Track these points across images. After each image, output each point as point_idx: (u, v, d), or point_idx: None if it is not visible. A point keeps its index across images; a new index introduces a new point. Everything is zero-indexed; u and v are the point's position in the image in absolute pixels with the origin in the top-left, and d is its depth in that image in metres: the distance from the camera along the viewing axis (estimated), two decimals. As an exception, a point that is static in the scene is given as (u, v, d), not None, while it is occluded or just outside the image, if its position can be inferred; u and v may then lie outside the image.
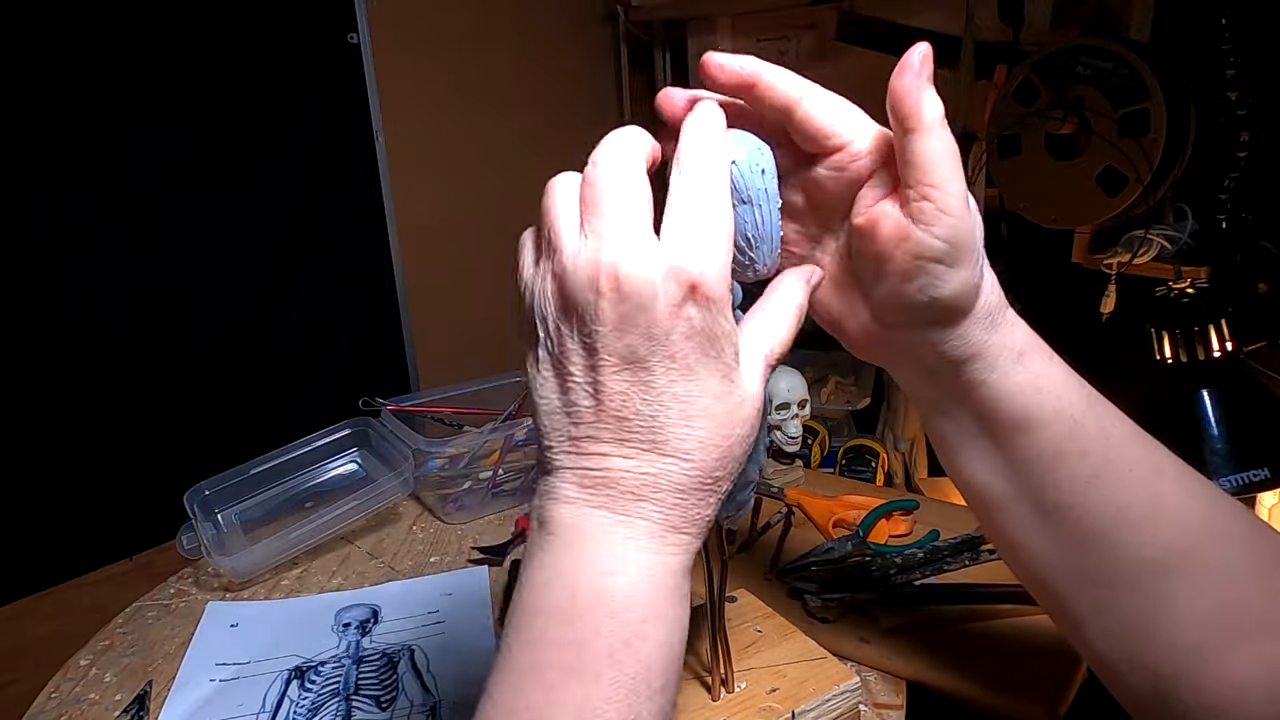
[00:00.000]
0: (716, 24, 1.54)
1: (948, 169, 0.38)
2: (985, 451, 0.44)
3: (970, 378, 0.42)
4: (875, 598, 0.74)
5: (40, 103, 1.06)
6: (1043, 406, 0.42)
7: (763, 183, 0.42)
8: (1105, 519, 0.42)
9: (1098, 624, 0.44)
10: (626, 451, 0.36)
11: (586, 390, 0.37)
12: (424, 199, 1.47)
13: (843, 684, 0.59)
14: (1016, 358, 0.42)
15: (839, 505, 0.91)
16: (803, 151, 0.42)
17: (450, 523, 0.98)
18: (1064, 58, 0.95)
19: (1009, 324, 0.42)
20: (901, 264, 0.39)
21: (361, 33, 1.34)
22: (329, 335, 1.39)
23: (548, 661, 0.36)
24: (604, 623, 0.35)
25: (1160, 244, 0.98)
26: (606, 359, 0.36)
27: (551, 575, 0.37)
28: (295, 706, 0.69)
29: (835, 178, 0.42)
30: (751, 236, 0.43)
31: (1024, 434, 0.42)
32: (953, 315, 0.40)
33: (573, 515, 0.37)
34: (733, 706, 0.58)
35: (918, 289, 0.39)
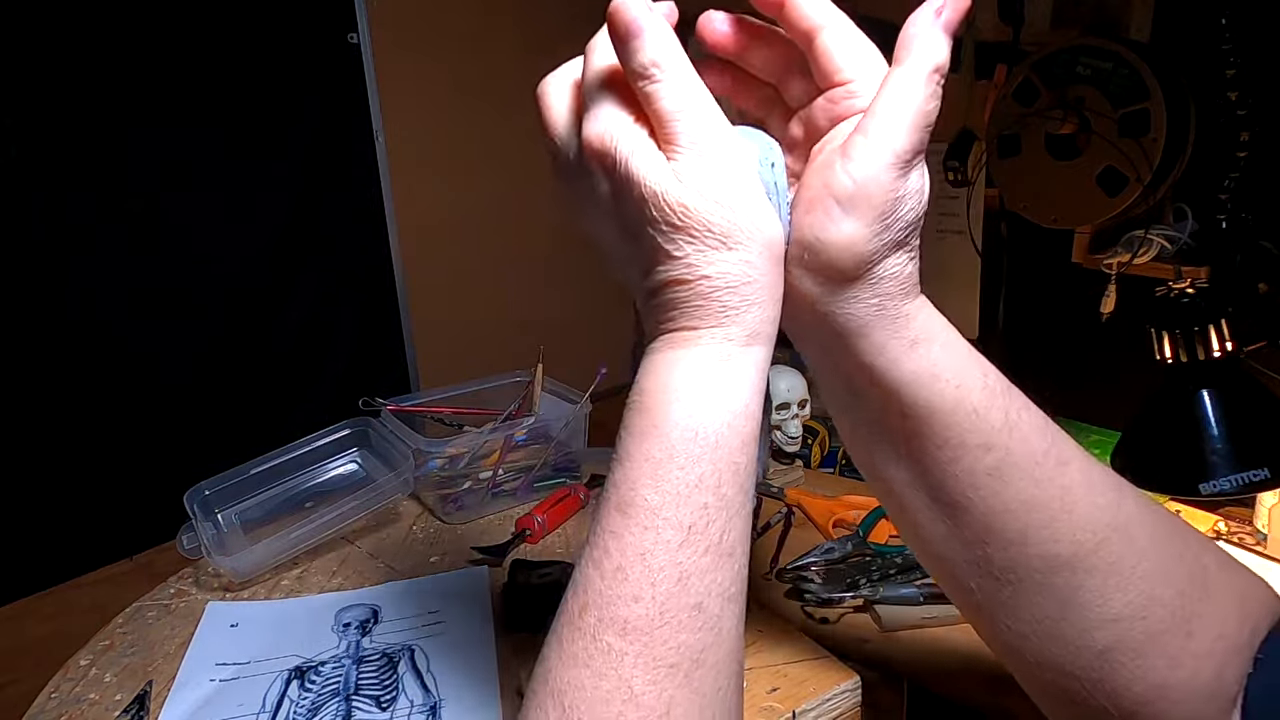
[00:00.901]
0: (716, 24, 1.54)
1: (899, 117, 0.37)
2: (883, 440, 0.43)
3: (860, 357, 0.40)
4: (875, 598, 0.74)
5: (40, 103, 1.06)
6: (941, 396, 0.40)
7: (772, 176, 0.42)
8: (1010, 514, 0.40)
9: (1006, 623, 0.43)
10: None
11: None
12: (424, 199, 1.47)
13: (843, 684, 0.59)
14: (910, 345, 0.40)
15: (839, 505, 0.91)
16: (813, 84, 0.42)
17: (450, 523, 0.98)
18: (1064, 58, 0.95)
19: (905, 311, 0.40)
20: (812, 191, 0.38)
21: (361, 33, 1.34)
22: (329, 335, 1.39)
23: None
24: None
25: (1160, 244, 0.98)
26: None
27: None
28: (295, 706, 0.69)
29: (827, 111, 0.41)
30: None
31: (920, 423, 0.41)
32: (833, 270, 0.38)
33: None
34: (733, 706, 0.58)
35: (810, 223, 0.38)
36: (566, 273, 1.73)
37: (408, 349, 1.50)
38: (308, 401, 1.35)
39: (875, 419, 0.42)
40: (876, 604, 0.73)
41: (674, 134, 0.36)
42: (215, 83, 1.20)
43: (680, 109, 0.36)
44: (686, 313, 0.37)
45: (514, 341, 1.53)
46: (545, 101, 0.42)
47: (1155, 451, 0.88)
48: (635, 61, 0.36)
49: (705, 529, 0.35)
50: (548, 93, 0.42)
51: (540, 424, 1.04)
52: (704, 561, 0.35)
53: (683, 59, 0.37)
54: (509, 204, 1.58)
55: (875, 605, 0.73)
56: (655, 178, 0.36)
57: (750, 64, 0.44)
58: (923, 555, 0.46)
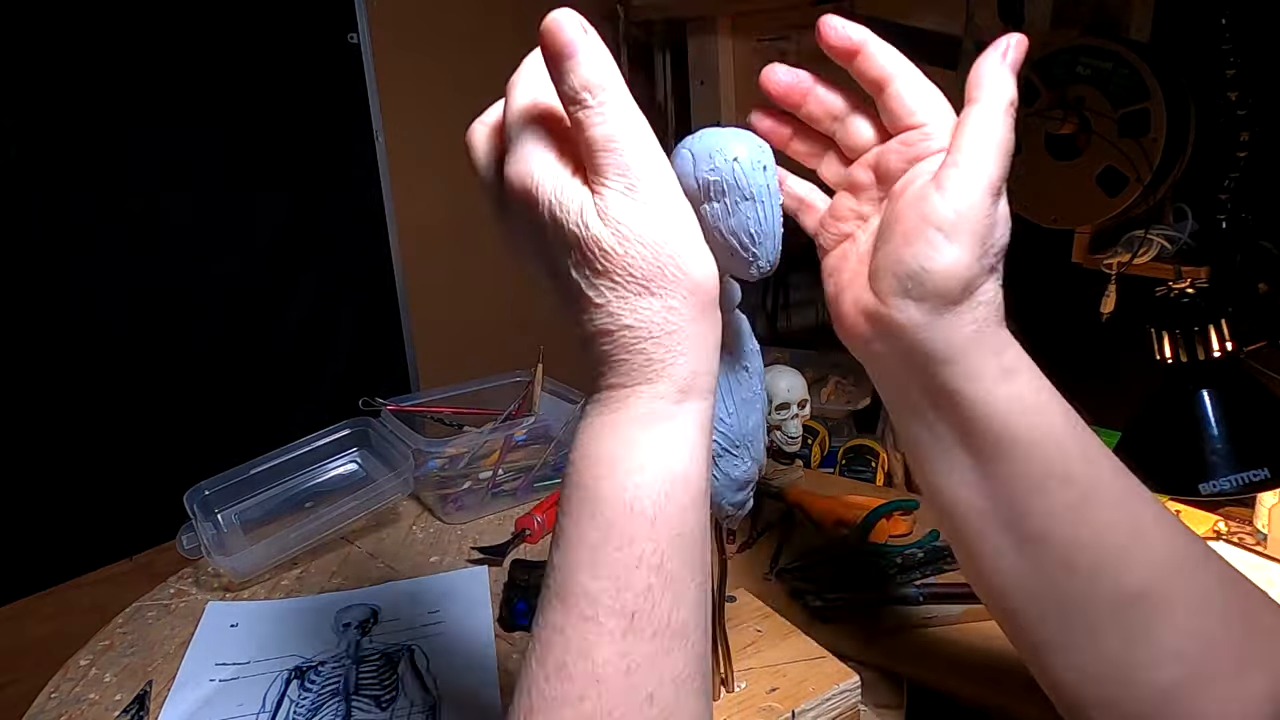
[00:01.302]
0: (716, 24, 1.54)
1: (987, 148, 0.39)
2: (962, 466, 0.43)
3: (949, 383, 0.41)
4: (875, 598, 0.74)
5: (40, 103, 1.06)
6: (1029, 428, 0.40)
7: (764, 179, 0.42)
8: (1086, 547, 0.41)
9: (1070, 659, 0.42)
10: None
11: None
12: (424, 199, 1.47)
13: (843, 683, 0.59)
14: (1002, 374, 0.41)
15: (839, 505, 0.91)
16: (882, 128, 0.44)
17: (450, 523, 0.98)
18: (1064, 58, 0.95)
19: (999, 340, 0.41)
20: (909, 224, 0.40)
21: (361, 33, 1.34)
22: (329, 335, 1.39)
23: None
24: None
25: (1160, 244, 0.98)
26: None
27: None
28: (295, 706, 0.69)
29: (901, 153, 0.42)
30: (754, 233, 0.43)
31: (1006, 454, 0.41)
32: (937, 297, 0.39)
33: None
34: (733, 706, 0.58)
35: (913, 254, 0.39)
36: (566, 273, 1.73)
37: (408, 349, 1.50)
38: (308, 401, 1.35)
39: (954, 447, 0.43)
40: (876, 604, 0.73)
41: (603, 165, 0.35)
42: (215, 83, 1.20)
43: (613, 137, 0.35)
44: (613, 368, 0.35)
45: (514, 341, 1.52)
46: (471, 144, 0.41)
47: (1155, 451, 0.88)
48: (568, 84, 0.34)
49: (651, 612, 0.33)
50: (473, 135, 0.41)
51: (540, 424, 1.04)
52: (652, 648, 0.33)
53: (620, 84, 0.35)
54: (509, 204, 1.58)
55: (875, 605, 0.73)
56: (577, 218, 0.34)
57: (809, 113, 0.46)
58: (983, 587, 0.46)
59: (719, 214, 0.44)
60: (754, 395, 0.53)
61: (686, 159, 0.44)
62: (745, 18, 1.53)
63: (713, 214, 0.44)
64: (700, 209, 0.44)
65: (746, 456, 0.53)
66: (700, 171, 0.44)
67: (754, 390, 0.53)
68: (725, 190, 0.43)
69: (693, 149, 0.44)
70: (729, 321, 0.52)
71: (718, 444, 0.52)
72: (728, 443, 0.52)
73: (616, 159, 0.35)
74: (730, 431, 0.52)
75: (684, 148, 0.45)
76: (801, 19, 1.42)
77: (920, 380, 0.42)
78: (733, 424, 0.52)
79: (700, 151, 0.44)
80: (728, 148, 0.43)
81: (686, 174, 0.44)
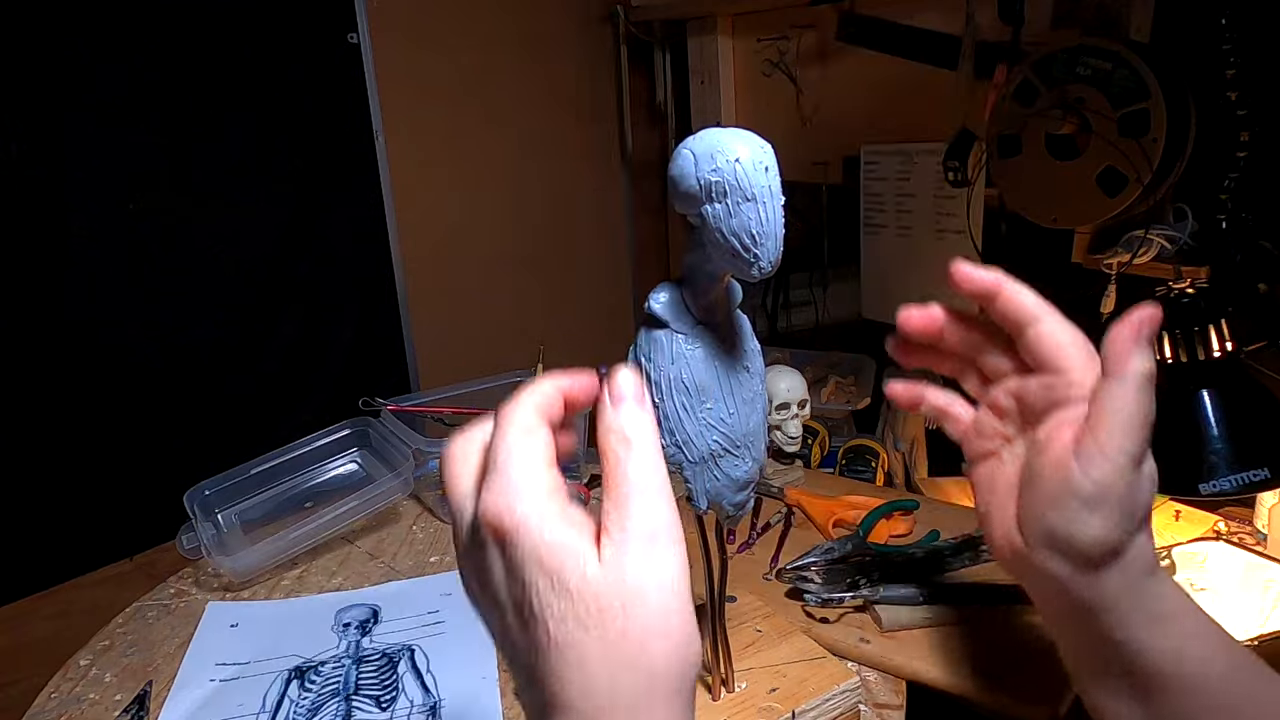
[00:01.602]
0: (716, 24, 1.54)
1: (1125, 422, 0.40)
2: (1125, 697, 0.43)
3: (1107, 632, 0.42)
4: (875, 598, 0.74)
5: (40, 103, 1.06)
6: (1183, 674, 0.41)
7: (765, 180, 0.42)
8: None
9: None
10: None
11: None
12: (424, 199, 1.47)
13: (843, 684, 0.59)
14: (1154, 620, 0.41)
15: (839, 505, 0.91)
16: (1011, 358, 0.45)
17: (450, 523, 0.98)
18: (1064, 58, 0.95)
19: (1152, 588, 0.42)
20: (1053, 488, 0.41)
21: (361, 33, 1.34)
22: (329, 335, 1.39)
23: None
24: None
25: (1160, 244, 0.98)
26: None
27: None
28: (295, 706, 0.69)
29: (1045, 396, 0.43)
30: (756, 233, 0.43)
31: (1160, 693, 0.42)
32: (1084, 560, 0.41)
33: None
34: (733, 706, 0.58)
35: (1057, 518, 0.41)
36: (566, 272, 1.73)
37: (408, 349, 1.50)
38: (308, 401, 1.35)
39: (1118, 680, 0.43)
40: (876, 604, 0.73)
41: (630, 508, 0.33)
42: (215, 83, 1.20)
43: (642, 486, 0.33)
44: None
45: (514, 341, 1.53)
46: (449, 462, 0.37)
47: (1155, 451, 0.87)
48: (620, 420, 0.34)
49: None
50: (453, 453, 0.37)
51: (540, 424, 1.04)
52: None
53: (656, 447, 0.35)
54: (509, 204, 1.58)
55: (875, 605, 0.73)
56: (576, 564, 0.32)
57: (946, 343, 0.47)
58: None
59: (720, 215, 0.43)
60: (754, 395, 0.53)
61: (688, 159, 0.44)
62: (745, 18, 1.53)
63: (714, 215, 0.44)
64: (701, 210, 0.44)
65: (747, 457, 0.53)
66: (702, 172, 0.43)
67: (755, 390, 0.53)
68: (727, 191, 0.43)
69: (694, 149, 0.44)
70: (731, 321, 0.52)
71: (718, 444, 0.52)
72: (728, 443, 0.52)
73: (644, 503, 0.33)
74: (731, 432, 0.52)
75: (685, 148, 0.45)
76: (802, 19, 1.42)
77: (1078, 625, 0.43)
78: (733, 424, 0.52)
79: (702, 152, 0.44)
80: (730, 148, 0.43)
81: (687, 174, 0.44)
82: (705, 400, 0.51)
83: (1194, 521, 1.09)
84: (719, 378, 0.51)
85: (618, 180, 1.78)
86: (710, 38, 1.56)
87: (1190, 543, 1.00)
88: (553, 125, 1.62)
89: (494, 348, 1.56)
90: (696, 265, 0.49)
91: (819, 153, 1.44)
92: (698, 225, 0.46)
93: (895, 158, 1.31)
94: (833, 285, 1.64)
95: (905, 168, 1.30)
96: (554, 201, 1.66)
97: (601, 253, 1.79)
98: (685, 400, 0.51)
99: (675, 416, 0.51)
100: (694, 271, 0.50)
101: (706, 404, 0.51)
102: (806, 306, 1.70)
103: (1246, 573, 0.95)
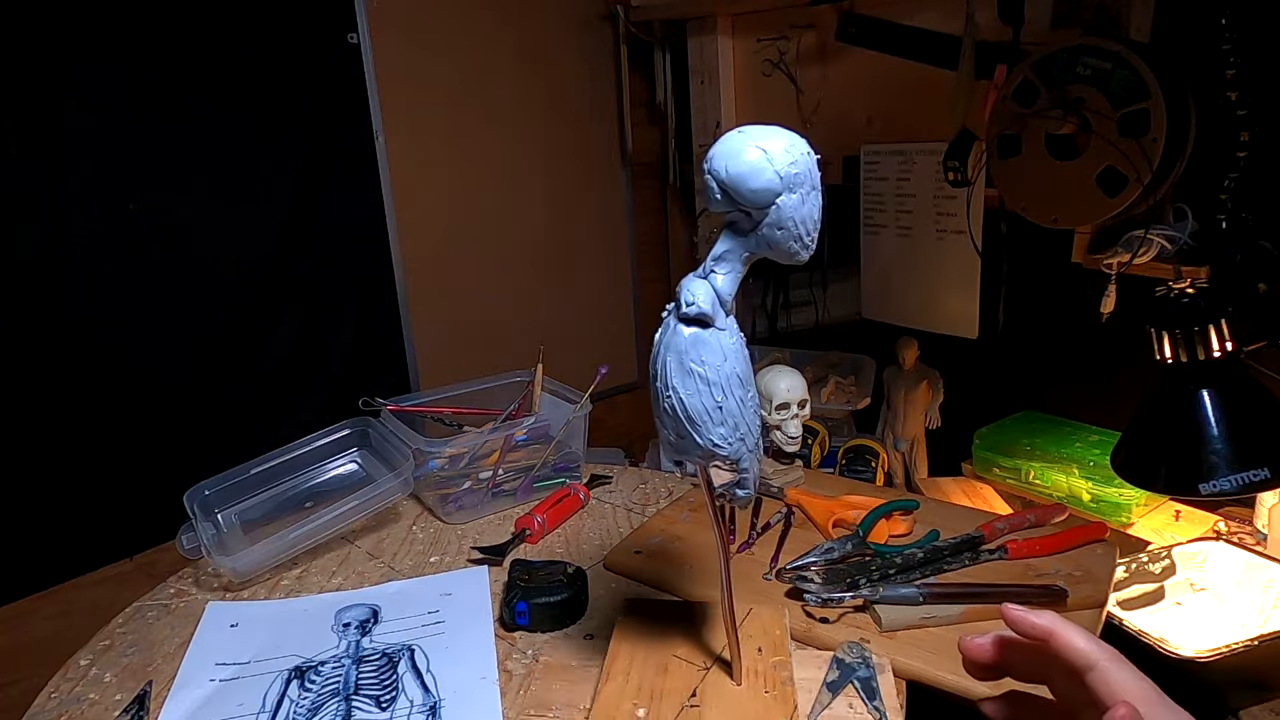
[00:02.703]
0: (716, 24, 1.54)
1: (1125, 685, 0.41)
2: None
3: None
4: (875, 598, 0.74)
5: (40, 102, 1.06)
6: None
7: (818, 172, 0.47)
8: None
9: None
10: None
11: None
12: (424, 199, 1.47)
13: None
14: None
15: (839, 505, 0.91)
16: (1073, 684, 0.45)
17: (450, 523, 0.98)
18: (1064, 58, 0.95)
19: None
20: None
21: (361, 33, 1.34)
22: (329, 335, 1.39)
23: None
24: None
25: (1160, 244, 0.98)
26: None
27: None
28: (295, 706, 0.69)
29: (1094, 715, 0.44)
30: (817, 220, 0.50)
31: None
32: None
33: None
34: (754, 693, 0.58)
35: None
36: (566, 272, 1.73)
37: (408, 349, 1.50)
38: (308, 401, 1.36)
39: None
40: (876, 604, 0.73)
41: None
42: (215, 83, 1.21)
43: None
44: None
45: (514, 341, 1.53)
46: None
47: (1155, 451, 0.88)
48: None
49: None
50: None
51: (540, 424, 1.04)
52: None
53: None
54: (509, 204, 1.58)
55: (875, 605, 0.73)
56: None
57: (1013, 667, 0.48)
58: None
59: (794, 205, 0.47)
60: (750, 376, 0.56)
61: (759, 154, 0.47)
62: (745, 18, 1.53)
63: (790, 205, 0.47)
64: (777, 201, 0.47)
65: None
66: (782, 165, 0.47)
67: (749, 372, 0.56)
68: (801, 182, 0.46)
69: (764, 145, 0.47)
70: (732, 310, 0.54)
71: (759, 427, 0.56)
72: (760, 425, 0.56)
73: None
74: (759, 416, 0.56)
75: (753, 144, 0.47)
76: (802, 19, 1.42)
77: None
78: (756, 407, 0.56)
79: (775, 148, 0.47)
80: (799, 143, 0.47)
81: (761, 169, 0.47)
82: (749, 389, 0.54)
83: (1194, 521, 1.09)
84: (750, 367, 0.54)
85: (618, 180, 1.78)
86: (710, 38, 1.56)
87: (1190, 543, 1.00)
88: (553, 125, 1.62)
89: (494, 348, 1.56)
90: (733, 258, 0.51)
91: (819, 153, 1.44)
92: (746, 221, 0.48)
93: (895, 158, 1.31)
94: (833, 285, 1.64)
95: (905, 168, 1.30)
96: (554, 201, 1.66)
97: (601, 253, 1.79)
98: (740, 394, 0.53)
99: (738, 412, 0.53)
100: (732, 265, 0.52)
101: (750, 393, 0.54)
102: (806, 306, 1.70)
103: (1246, 573, 0.95)
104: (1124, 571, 0.96)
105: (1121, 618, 0.88)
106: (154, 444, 1.20)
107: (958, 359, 1.34)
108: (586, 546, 0.92)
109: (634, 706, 0.61)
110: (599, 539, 0.93)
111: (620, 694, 0.62)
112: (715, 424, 0.53)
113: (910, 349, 1.33)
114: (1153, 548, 1.01)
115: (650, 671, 0.65)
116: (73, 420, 1.13)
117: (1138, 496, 1.09)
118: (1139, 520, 1.10)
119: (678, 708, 0.61)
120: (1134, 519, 1.10)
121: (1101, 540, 0.83)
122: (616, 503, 1.01)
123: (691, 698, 0.61)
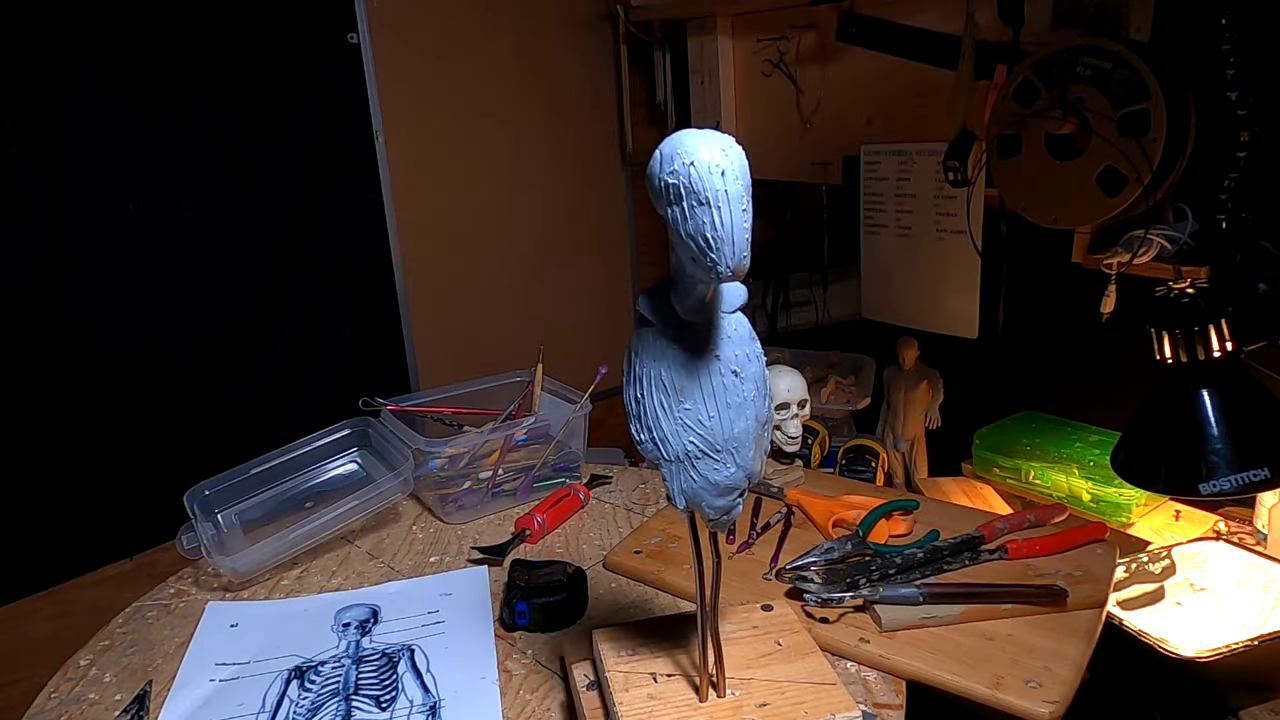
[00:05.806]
0: (716, 24, 1.54)
1: None
2: None
3: None
4: (875, 598, 0.74)
5: (40, 102, 1.06)
6: None
7: (722, 184, 0.42)
8: None
9: None
10: None
11: None
12: (424, 199, 1.47)
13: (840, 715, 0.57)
14: None
15: (839, 505, 0.91)
16: None
17: (450, 523, 0.98)
18: (1064, 58, 0.95)
19: None
20: None
21: (361, 33, 1.34)
22: (329, 335, 1.39)
23: None
24: None
25: (1160, 244, 0.98)
26: None
27: None
28: (295, 706, 0.69)
29: None
30: (711, 237, 0.43)
31: None
32: None
33: None
34: (716, 710, 0.58)
35: None
36: (566, 273, 1.73)
37: (408, 349, 1.50)
38: (308, 401, 1.36)
39: None
40: (876, 604, 0.73)
41: None
42: (215, 83, 1.21)
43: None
44: None
45: (514, 341, 1.53)
46: None
47: (1155, 451, 0.87)
48: None
49: None
50: None
51: (540, 424, 1.04)
52: None
53: None
54: (509, 204, 1.58)
55: (875, 605, 0.73)
56: None
57: None
58: None
59: (679, 218, 0.43)
60: (743, 401, 0.52)
61: (655, 160, 0.44)
62: (745, 18, 1.53)
63: (674, 218, 0.43)
64: (664, 211, 0.44)
65: (730, 462, 0.53)
66: (662, 174, 0.43)
67: (744, 396, 0.52)
68: (683, 194, 0.42)
69: (661, 150, 0.44)
70: (715, 320, 0.52)
71: (695, 445, 0.52)
72: (707, 446, 0.52)
73: None
74: (710, 435, 0.52)
75: (657, 148, 0.44)
76: (802, 19, 1.42)
77: None
78: (713, 427, 0.52)
79: (666, 153, 0.43)
80: (689, 151, 0.42)
81: (653, 175, 0.44)
82: (684, 400, 0.51)
83: (1194, 521, 1.09)
84: (700, 379, 0.51)
85: (618, 180, 1.78)
86: (710, 38, 1.56)
87: (1190, 543, 1.00)
88: (553, 125, 1.62)
89: (494, 348, 1.56)
90: (677, 267, 0.49)
91: (819, 153, 1.44)
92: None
93: (895, 158, 1.31)
94: (833, 285, 1.65)
95: (905, 168, 1.30)
96: (554, 201, 1.66)
97: (601, 253, 1.79)
98: (663, 398, 0.51)
99: (653, 413, 0.52)
100: (676, 273, 0.50)
101: (685, 404, 0.51)
102: (806, 306, 1.70)
103: (1246, 573, 0.95)
104: (1124, 571, 0.96)
105: (1121, 618, 0.88)
106: (154, 444, 1.20)
107: (958, 359, 1.34)
108: (586, 546, 0.92)
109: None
110: (599, 539, 0.93)
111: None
112: (632, 417, 0.54)
113: (910, 349, 1.33)
114: (1153, 548, 1.01)
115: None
116: (73, 420, 1.13)
117: (1138, 496, 1.09)
118: (1139, 520, 1.10)
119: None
120: (1134, 519, 1.10)
121: (1101, 540, 0.83)
122: (616, 503, 1.01)
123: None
